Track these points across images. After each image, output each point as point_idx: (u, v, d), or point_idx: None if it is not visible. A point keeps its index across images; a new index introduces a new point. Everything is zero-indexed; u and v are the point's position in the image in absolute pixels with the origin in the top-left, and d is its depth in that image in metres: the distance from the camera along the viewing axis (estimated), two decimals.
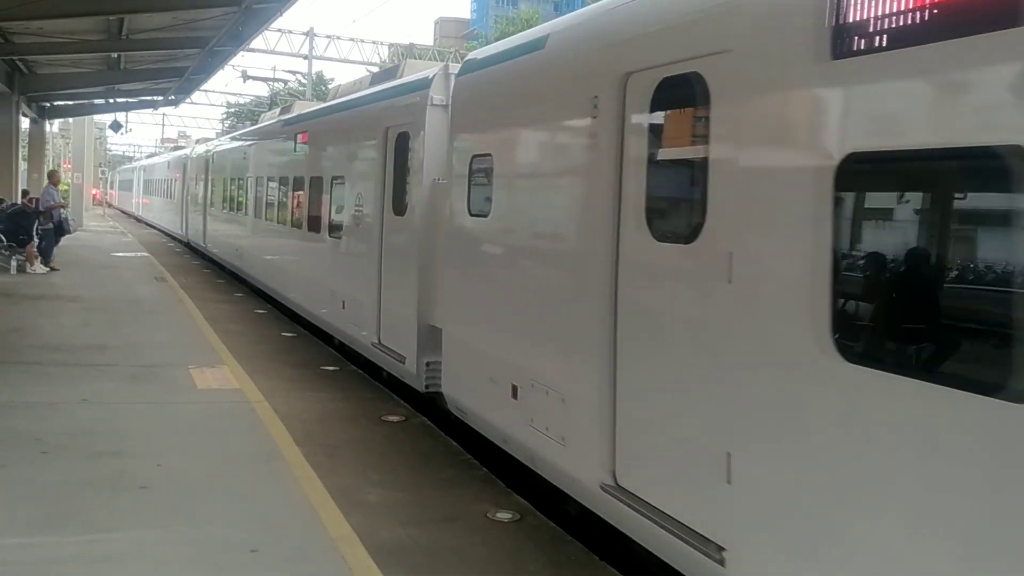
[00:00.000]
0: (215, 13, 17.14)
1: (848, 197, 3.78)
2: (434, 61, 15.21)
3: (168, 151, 52.57)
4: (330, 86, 19.14)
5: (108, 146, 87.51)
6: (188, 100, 40.45)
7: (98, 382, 9.32)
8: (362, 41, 39.32)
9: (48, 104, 32.51)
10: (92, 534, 5.45)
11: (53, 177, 22.59)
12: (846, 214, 3.81)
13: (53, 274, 19.14)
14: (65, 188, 22.23)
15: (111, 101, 34.36)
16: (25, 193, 24.06)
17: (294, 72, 40.39)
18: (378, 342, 9.89)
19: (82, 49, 21.36)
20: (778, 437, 3.96)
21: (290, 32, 36.08)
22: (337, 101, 13.36)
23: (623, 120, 5.22)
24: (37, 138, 32.47)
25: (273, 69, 35.14)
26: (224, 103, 61.07)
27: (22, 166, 28.29)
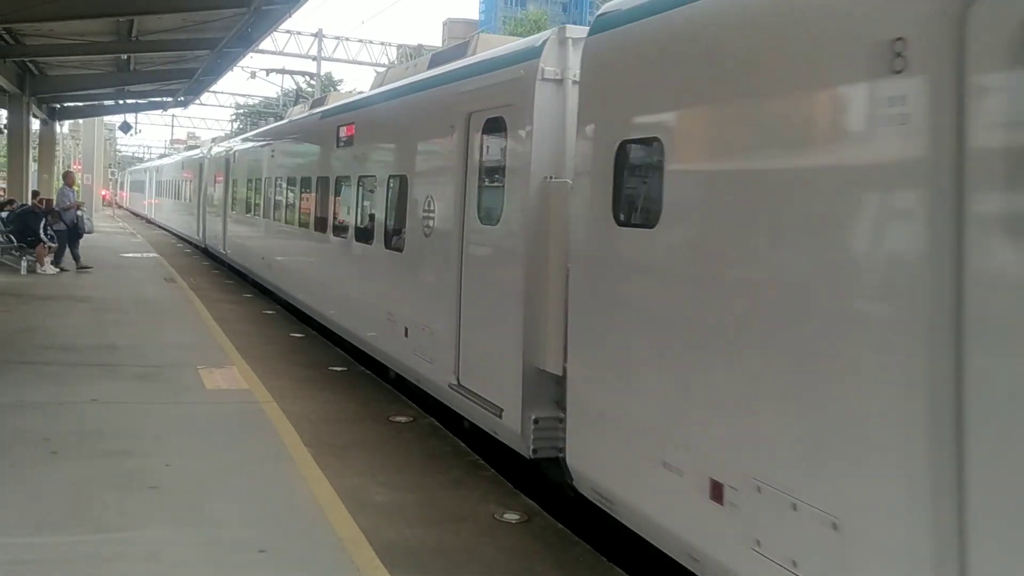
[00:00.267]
0: (225, 14, 17.19)
1: None
2: (511, 36, 12.19)
3: (182, 150, 51.61)
4: (339, 88, 18.82)
5: (118, 147, 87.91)
6: (197, 101, 40.63)
7: (107, 382, 9.36)
8: (371, 42, 39.27)
9: (58, 105, 32.65)
10: (101, 534, 5.47)
11: (68, 178, 22.73)
12: None
13: (63, 275, 19.22)
14: (75, 189, 22.26)
15: (121, 102, 34.50)
16: (35, 194, 24.21)
17: (303, 73, 40.47)
18: (457, 384, 7.86)
19: (92, 51, 21.46)
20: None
21: (299, 33, 36.13)
22: (391, 87, 11.15)
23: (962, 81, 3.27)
24: (47, 139, 32.61)
25: (282, 69, 35.20)
26: (233, 104, 61.32)
27: (32, 167, 28.44)
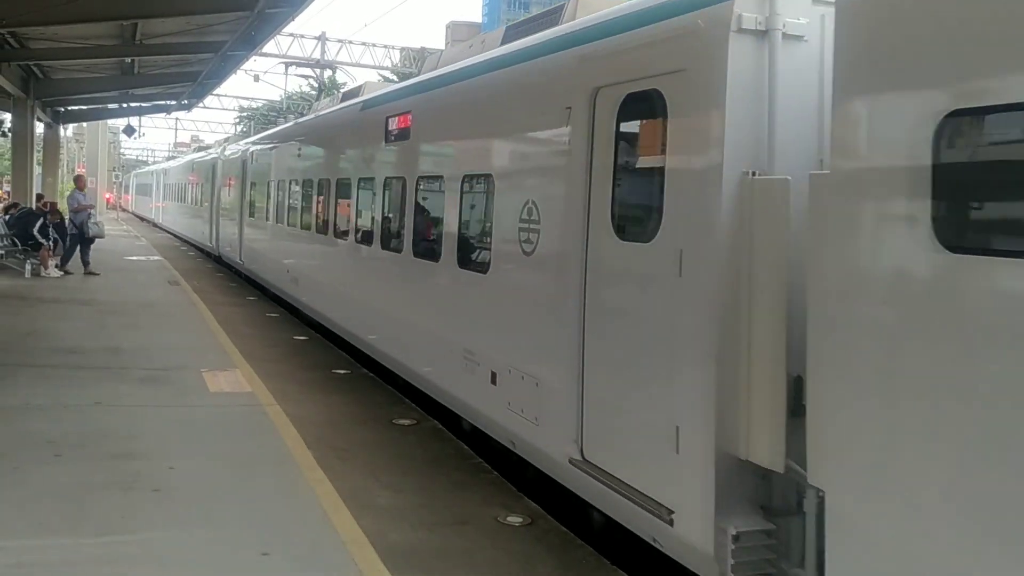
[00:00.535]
0: (228, 18, 17.25)
1: None
2: None
3: (192, 151, 50.33)
4: (343, 89, 18.44)
5: (122, 150, 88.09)
6: (201, 104, 40.70)
7: (111, 385, 9.37)
8: (374, 45, 39.22)
9: (62, 109, 32.75)
10: (105, 536, 5.49)
11: (79, 181, 22.81)
12: None
13: (68, 278, 19.26)
14: (85, 192, 22.21)
15: (125, 105, 34.56)
16: (40, 197, 24.26)
17: (306, 76, 40.48)
18: (582, 459, 5.82)
19: (96, 54, 21.52)
20: None
21: (302, 36, 36.05)
22: (462, 65, 8.88)
23: None
24: (52, 142, 32.68)
25: (286, 68, 35.15)
26: (237, 107, 61.39)
27: (37, 170, 28.51)
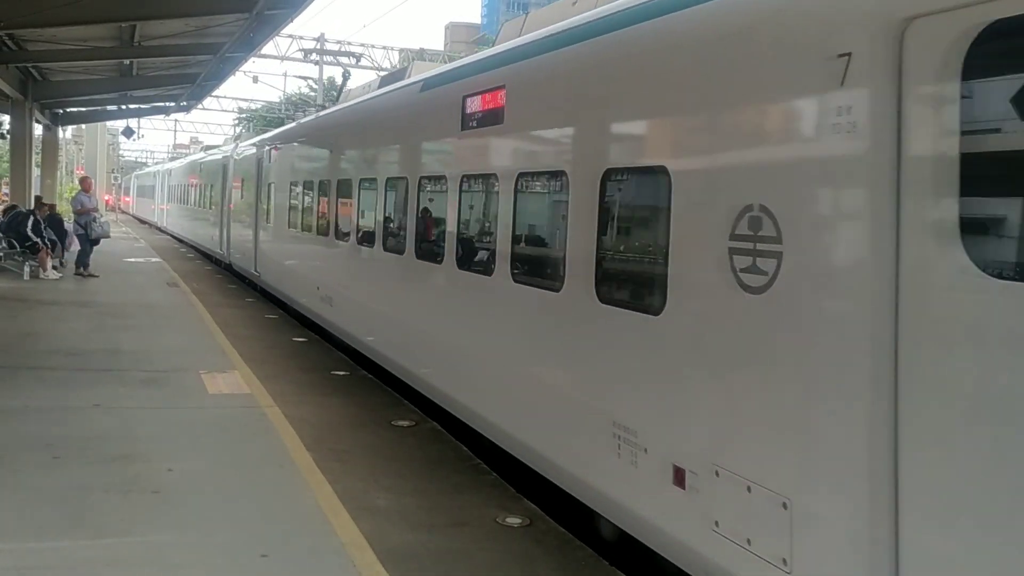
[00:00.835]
0: (227, 19, 17.24)
1: None
2: None
3: (198, 150, 48.95)
4: (345, 89, 18.29)
5: (120, 152, 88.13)
6: (200, 106, 40.72)
7: (110, 387, 9.36)
8: (372, 46, 39.35)
9: (61, 111, 32.72)
10: (104, 539, 5.48)
11: (85, 183, 22.80)
12: None
13: (66, 280, 19.25)
14: (90, 195, 22.12)
15: (123, 107, 34.58)
16: (38, 199, 24.23)
17: (304, 78, 40.66)
18: None
19: (95, 56, 21.50)
20: None
21: (301, 38, 36.10)
22: (593, 16, 6.20)
23: None
24: (50, 144, 32.67)
25: (285, 73, 35.28)
26: (236, 108, 61.41)
27: (35, 172, 28.50)
